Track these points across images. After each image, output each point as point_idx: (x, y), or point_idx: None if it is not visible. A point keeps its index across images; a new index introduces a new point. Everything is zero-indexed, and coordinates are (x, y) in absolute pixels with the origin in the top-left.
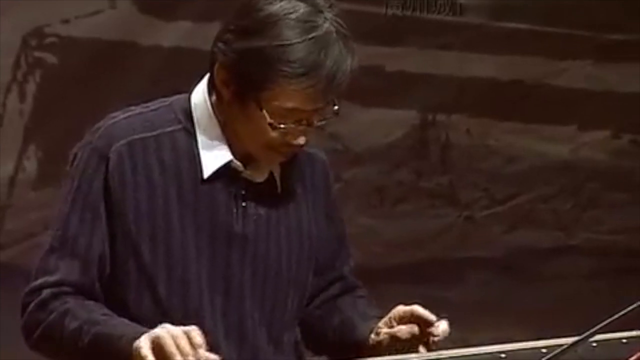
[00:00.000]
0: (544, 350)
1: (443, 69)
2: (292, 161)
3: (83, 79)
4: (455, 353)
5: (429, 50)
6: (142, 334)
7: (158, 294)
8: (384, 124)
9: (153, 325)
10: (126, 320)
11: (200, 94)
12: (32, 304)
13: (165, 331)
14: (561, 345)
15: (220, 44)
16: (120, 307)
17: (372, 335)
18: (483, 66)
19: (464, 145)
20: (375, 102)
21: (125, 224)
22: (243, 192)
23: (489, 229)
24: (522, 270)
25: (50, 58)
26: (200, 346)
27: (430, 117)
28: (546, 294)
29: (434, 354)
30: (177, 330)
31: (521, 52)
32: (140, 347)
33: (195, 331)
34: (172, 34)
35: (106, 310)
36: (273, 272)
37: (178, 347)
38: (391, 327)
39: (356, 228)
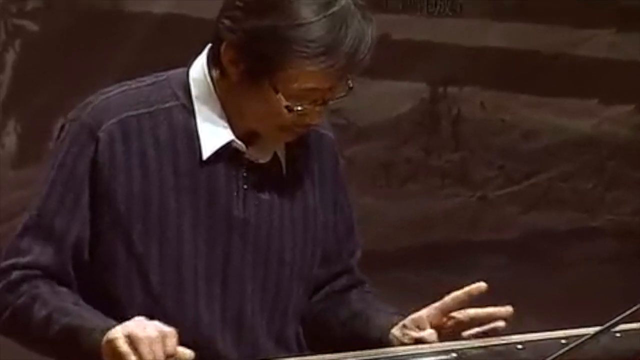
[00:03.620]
0: (563, 341)
1: (454, 38)
2: (299, 141)
3: (67, 48)
4: (470, 344)
5: (439, 17)
6: (113, 327)
7: (149, 283)
8: (390, 97)
9: (143, 315)
10: (98, 312)
11: (199, 69)
12: (0, 285)
13: (142, 329)
14: (582, 335)
15: (226, 21)
16: (107, 296)
17: (396, 333)
18: (498, 34)
19: (477, 119)
20: (380, 74)
21: (114, 207)
22: (245, 174)
23: (504, 210)
24: (540, 254)
25: (32, 26)
26: (172, 355)
27: (440, 89)
28: (566, 280)
29: (447, 345)
30: (153, 330)
31: (538, 19)
32: (116, 339)
33: (170, 336)
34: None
35: (78, 299)
36: (275, 260)
37: (152, 351)
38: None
39: (360, 209)
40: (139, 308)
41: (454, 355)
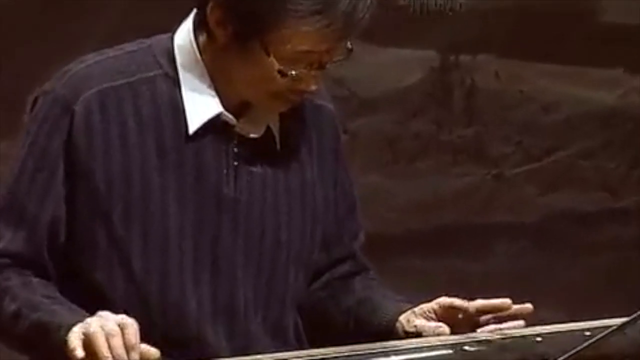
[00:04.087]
0: (587, 333)
1: (467, 0)
2: (295, 114)
3: (44, 13)
4: (485, 336)
5: None
6: (79, 322)
7: (131, 269)
8: (397, 66)
9: (125, 306)
10: (72, 305)
11: (185, 35)
12: None
13: (99, 325)
14: (607, 327)
15: None
16: (85, 283)
17: (403, 321)
18: None
19: (493, 90)
20: (386, 41)
21: (92, 187)
22: (235, 150)
23: (522, 190)
24: (561, 238)
25: None
26: (133, 348)
27: (452, 57)
28: (589, 266)
29: (463, 337)
30: (112, 324)
31: None
32: (69, 340)
33: (131, 328)
34: None
35: (53, 290)
36: (270, 242)
37: (109, 346)
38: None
39: (364, 189)
40: (119, 296)
41: (466, 348)
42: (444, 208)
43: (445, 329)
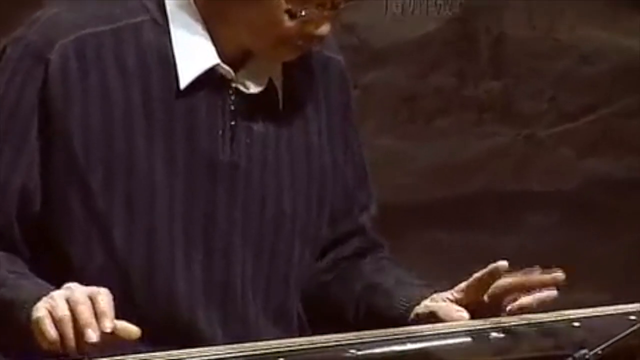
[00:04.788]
0: (632, 317)
1: None
2: (300, 67)
3: None
4: (516, 320)
5: None
6: (44, 296)
7: (113, 243)
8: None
9: (103, 286)
10: (40, 281)
11: None
12: None
13: (61, 294)
14: None
15: None
16: (58, 260)
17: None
18: None
19: (523, 39)
20: None
21: (68, 149)
22: (232, 107)
23: (557, 153)
24: (600, 208)
25: None
26: (105, 314)
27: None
28: (635, 241)
29: (487, 322)
30: (79, 292)
31: None
32: (39, 319)
33: (103, 294)
34: None
35: (17, 266)
36: (272, 214)
37: (75, 314)
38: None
39: (376, 152)
40: (97, 275)
41: (495, 335)
42: (468, 174)
43: (465, 314)
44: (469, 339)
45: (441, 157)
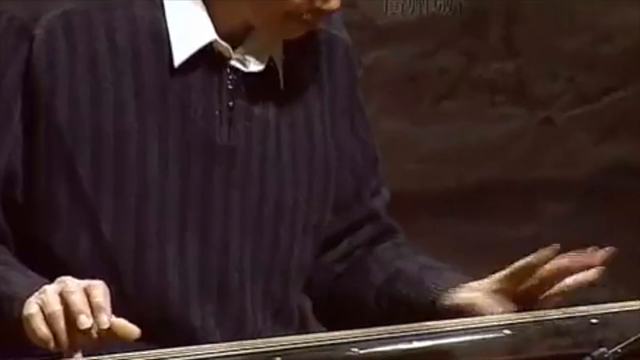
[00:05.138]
0: None
1: None
2: (303, 45)
3: None
4: (526, 317)
5: None
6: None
7: (100, 232)
8: None
9: (90, 278)
10: (29, 272)
11: None
12: None
13: (53, 289)
14: None
15: None
16: (42, 249)
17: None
18: None
19: (537, 15)
20: None
21: (54, 129)
22: (230, 87)
23: (574, 137)
24: (620, 196)
25: None
26: (100, 308)
27: None
28: None
29: (503, 319)
30: (73, 284)
31: None
32: (30, 315)
33: (98, 287)
34: None
35: (6, 255)
36: (273, 202)
37: (67, 304)
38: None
39: (382, 135)
40: (84, 265)
41: (506, 332)
42: (479, 159)
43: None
44: (480, 337)
45: (449, 141)
